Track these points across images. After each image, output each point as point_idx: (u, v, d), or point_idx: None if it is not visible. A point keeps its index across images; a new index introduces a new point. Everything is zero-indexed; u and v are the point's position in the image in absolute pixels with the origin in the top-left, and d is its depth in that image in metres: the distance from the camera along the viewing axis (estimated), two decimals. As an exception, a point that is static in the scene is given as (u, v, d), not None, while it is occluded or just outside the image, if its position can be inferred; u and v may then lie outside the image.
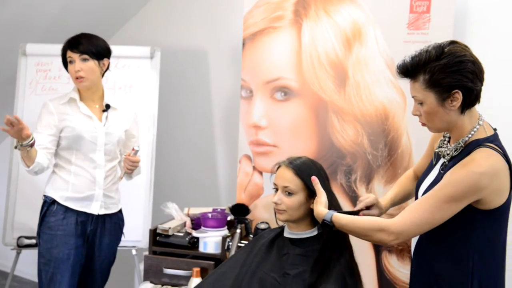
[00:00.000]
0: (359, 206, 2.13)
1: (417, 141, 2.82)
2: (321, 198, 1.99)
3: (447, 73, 1.74)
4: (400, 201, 2.22)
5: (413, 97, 1.85)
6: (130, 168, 2.74)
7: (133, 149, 2.71)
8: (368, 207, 2.13)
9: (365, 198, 2.14)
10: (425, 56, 1.78)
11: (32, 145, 2.49)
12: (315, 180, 2.01)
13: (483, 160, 1.72)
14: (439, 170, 1.91)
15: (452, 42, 1.81)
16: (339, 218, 1.91)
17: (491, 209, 1.77)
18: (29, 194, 3.45)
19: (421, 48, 1.83)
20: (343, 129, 2.98)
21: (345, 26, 2.97)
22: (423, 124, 1.89)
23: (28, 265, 4.34)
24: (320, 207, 1.97)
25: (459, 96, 1.75)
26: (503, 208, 1.79)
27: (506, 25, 2.82)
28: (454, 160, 1.83)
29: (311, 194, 2.07)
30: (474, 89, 1.76)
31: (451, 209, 1.74)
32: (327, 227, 1.93)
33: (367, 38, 2.94)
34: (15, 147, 2.50)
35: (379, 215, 2.12)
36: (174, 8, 3.97)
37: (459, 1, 2.90)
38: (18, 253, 3.50)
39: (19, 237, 3.44)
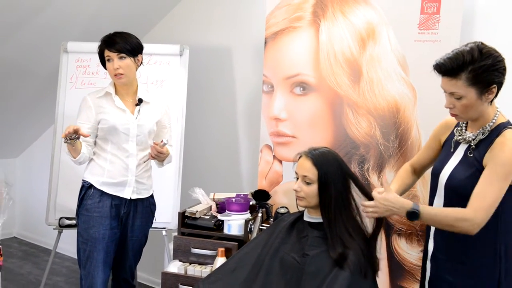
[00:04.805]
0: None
1: (426, 133, 2.76)
2: (391, 193, 1.97)
3: (490, 71, 1.84)
4: (402, 193, 2.24)
5: (451, 93, 1.91)
6: (154, 157, 2.71)
7: (161, 141, 2.69)
8: None
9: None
10: (468, 57, 1.84)
11: (78, 137, 2.54)
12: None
13: None
14: (465, 154, 1.99)
15: (481, 44, 1.89)
16: (426, 208, 1.91)
17: None
18: (70, 179, 3.49)
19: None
20: (357, 122, 2.95)
21: (360, 26, 2.93)
22: (453, 115, 1.97)
23: (68, 243, 4.42)
24: (398, 196, 1.95)
25: (495, 90, 1.88)
26: None
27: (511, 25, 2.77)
28: (483, 142, 1.94)
29: (321, 186, 2.05)
30: (503, 82, 1.90)
31: (507, 184, 1.86)
32: (413, 217, 1.89)
33: (380, 37, 2.90)
34: (65, 141, 2.54)
35: None
36: (202, 9, 3.96)
37: (467, 3, 2.84)
38: (59, 233, 3.55)
39: (61, 218, 3.48)
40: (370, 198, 2.01)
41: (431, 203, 2.12)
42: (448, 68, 1.87)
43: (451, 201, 1.98)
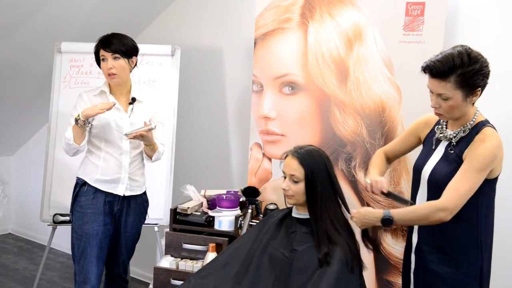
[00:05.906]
0: (383, 190, 2.14)
1: (411, 132, 2.80)
2: (364, 208, 2.10)
3: (478, 75, 1.88)
4: None
5: (438, 94, 1.94)
6: (137, 136, 2.61)
7: (150, 124, 2.64)
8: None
9: (381, 183, 2.14)
10: (458, 61, 1.87)
11: (90, 122, 2.59)
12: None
13: (494, 135, 1.93)
14: (446, 151, 2.04)
15: (469, 48, 1.92)
16: (397, 212, 1.99)
17: (493, 177, 1.97)
18: (63, 176, 3.47)
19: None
20: (344, 121, 2.96)
21: (347, 28, 2.93)
22: (438, 114, 2.01)
23: (62, 239, 4.39)
24: (370, 209, 2.07)
25: (479, 92, 1.93)
26: (497, 178, 2.00)
27: (493, 29, 2.77)
28: (464, 139, 1.99)
29: (308, 183, 2.05)
30: (486, 85, 1.95)
31: (482, 177, 1.91)
32: (388, 223, 1.98)
33: (367, 38, 2.90)
34: (80, 126, 2.55)
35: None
36: (193, 11, 3.95)
37: (451, 6, 2.85)
38: (54, 229, 3.53)
39: (55, 214, 3.46)
40: (342, 198, 2.12)
41: (414, 196, 2.17)
42: (439, 70, 1.90)
43: (434, 195, 2.02)
